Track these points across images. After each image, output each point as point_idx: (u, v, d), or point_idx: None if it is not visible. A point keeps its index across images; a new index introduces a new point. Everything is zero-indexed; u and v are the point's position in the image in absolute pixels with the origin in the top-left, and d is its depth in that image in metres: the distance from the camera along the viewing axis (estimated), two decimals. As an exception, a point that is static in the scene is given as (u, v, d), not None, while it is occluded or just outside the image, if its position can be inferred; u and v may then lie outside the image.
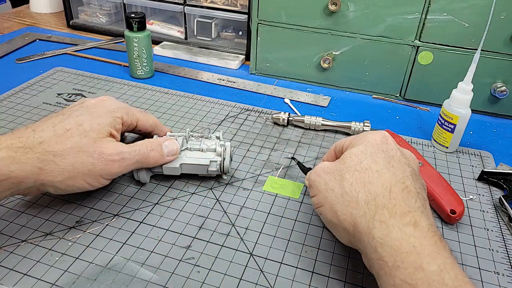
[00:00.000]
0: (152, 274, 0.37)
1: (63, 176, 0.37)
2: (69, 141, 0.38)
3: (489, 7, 0.57)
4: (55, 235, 0.40)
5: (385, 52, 0.68)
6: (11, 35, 0.87)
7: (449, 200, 0.45)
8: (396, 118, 0.66)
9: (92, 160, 0.38)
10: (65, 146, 0.37)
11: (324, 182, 0.37)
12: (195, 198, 0.46)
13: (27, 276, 0.36)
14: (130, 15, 0.67)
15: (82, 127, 0.39)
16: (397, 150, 0.37)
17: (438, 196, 0.46)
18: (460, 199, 0.45)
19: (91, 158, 0.38)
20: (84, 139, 0.38)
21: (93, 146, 0.39)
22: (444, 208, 0.44)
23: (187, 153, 0.47)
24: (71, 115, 0.40)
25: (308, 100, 0.69)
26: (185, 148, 0.47)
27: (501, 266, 0.40)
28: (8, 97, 0.63)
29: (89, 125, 0.40)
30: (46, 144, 0.37)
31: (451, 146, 0.56)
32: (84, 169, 0.38)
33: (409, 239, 0.29)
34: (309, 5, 0.67)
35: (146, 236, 0.40)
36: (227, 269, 0.38)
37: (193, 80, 0.74)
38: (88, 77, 0.71)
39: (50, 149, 0.37)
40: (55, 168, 0.37)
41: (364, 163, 0.35)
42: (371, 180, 0.34)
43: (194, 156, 0.46)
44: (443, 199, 0.45)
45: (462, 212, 0.44)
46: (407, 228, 0.30)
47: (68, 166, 0.37)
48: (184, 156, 0.46)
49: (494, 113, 0.68)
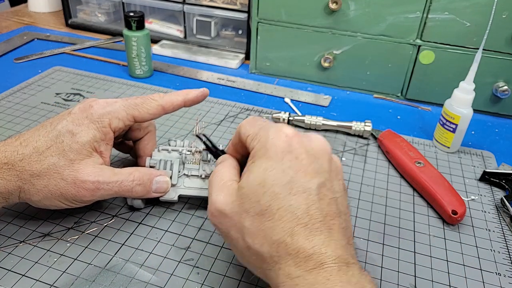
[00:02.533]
0: (151, 276, 0.36)
1: (39, 196, 0.36)
2: (47, 160, 0.36)
3: (490, 6, 0.56)
4: (54, 236, 0.40)
5: (386, 51, 0.67)
6: (9, 34, 0.87)
7: (450, 201, 0.45)
8: (397, 118, 0.66)
9: (64, 184, 0.36)
10: (42, 166, 0.36)
11: (226, 229, 0.32)
12: (195, 198, 0.45)
13: (26, 277, 0.35)
14: (129, 14, 0.67)
15: (62, 145, 0.37)
16: (303, 155, 0.31)
17: (440, 197, 0.45)
18: (461, 200, 0.45)
19: (64, 182, 0.36)
20: (61, 160, 0.36)
21: (69, 169, 0.36)
22: (445, 208, 0.44)
23: (186, 181, 0.43)
24: (55, 128, 0.38)
25: (308, 99, 0.69)
26: (183, 174, 0.43)
27: (502, 267, 0.40)
28: (6, 97, 0.62)
29: (68, 143, 0.37)
30: (26, 162, 0.36)
31: (452, 146, 0.56)
32: (57, 192, 0.36)
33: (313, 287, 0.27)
34: (310, 3, 0.67)
35: (145, 237, 0.40)
36: (226, 270, 0.37)
37: (193, 80, 0.74)
38: (86, 77, 0.71)
39: (29, 168, 0.36)
40: (32, 188, 0.36)
41: (263, 202, 0.30)
42: (271, 225, 0.29)
43: (193, 186, 0.43)
44: (444, 200, 0.45)
45: (464, 212, 0.44)
46: (311, 274, 0.28)
47: (42, 187, 0.36)
48: (183, 186, 0.43)
49: (496, 113, 0.68)
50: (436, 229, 0.44)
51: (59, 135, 0.37)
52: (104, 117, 0.39)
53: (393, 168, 0.53)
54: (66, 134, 0.37)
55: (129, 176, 0.39)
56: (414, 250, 0.41)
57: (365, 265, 0.39)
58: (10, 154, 0.36)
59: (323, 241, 0.29)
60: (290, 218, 0.29)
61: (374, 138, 0.59)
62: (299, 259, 0.28)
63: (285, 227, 0.29)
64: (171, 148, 0.45)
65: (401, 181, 0.51)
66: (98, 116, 0.39)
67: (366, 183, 0.50)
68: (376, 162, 0.54)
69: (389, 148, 0.54)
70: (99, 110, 0.39)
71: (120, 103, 0.40)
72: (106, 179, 0.37)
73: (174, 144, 0.46)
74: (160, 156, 0.44)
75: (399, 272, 0.39)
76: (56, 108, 0.61)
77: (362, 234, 0.43)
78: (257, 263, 0.31)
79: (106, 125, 0.39)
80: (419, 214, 0.46)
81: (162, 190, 0.41)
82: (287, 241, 0.29)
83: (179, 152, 0.45)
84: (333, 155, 0.34)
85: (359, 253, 0.40)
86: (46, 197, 0.36)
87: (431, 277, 0.39)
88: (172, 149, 0.45)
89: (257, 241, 0.30)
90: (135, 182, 0.39)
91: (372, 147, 0.57)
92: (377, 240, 0.42)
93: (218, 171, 0.35)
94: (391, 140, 0.55)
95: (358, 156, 0.55)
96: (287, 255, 0.29)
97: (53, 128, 0.38)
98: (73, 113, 0.39)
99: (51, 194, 0.36)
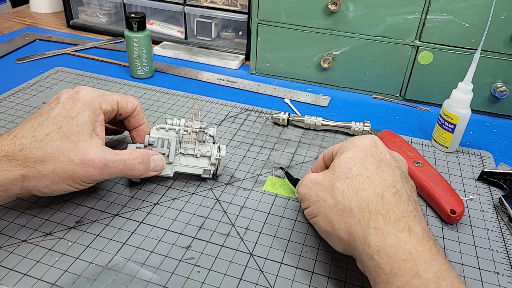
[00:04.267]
0: (152, 274, 0.37)
1: (46, 181, 0.37)
2: (49, 146, 0.37)
3: (489, 7, 0.57)
4: (55, 235, 0.40)
5: (385, 52, 0.68)
6: (11, 35, 0.87)
7: (449, 200, 0.45)
8: (396, 118, 0.66)
9: (72, 166, 0.37)
10: (46, 152, 0.36)
11: (315, 193, 0.37)
12: (195, 198, 0.46)
13: (27, 276, 0.36)
14: (130, 15, 0.67)
15: (62, 130, 0.38)
16: (387, 153, 0.37)
17: (438, 196, 0.46)
18: (460, 199, 0.45)
19: (72, 164, 0.37)
20: (65, 143, 0.37)
21: (75, 151, 0.37)
22: (444, 208, 0.44)
23: (181, 159, 0.46)
24: (48, 117, 0.38)
25: (308, 100, 0.69)
26: (179, 152, 0.46)
27: (501, 266, 0.40)
28: (8, 97, 0.63)
29: (68, 127, 0.38)
30: (27, 151, 0.36)
31: (451, 146, 0.56)
32: (65, 175, 0.37)
33: (404, 245, 0.29)
34: (309, 5, 0.67)
35: (146, 236, 0.40)
36: (227, 269, 0.38)
37: (193, 80, 0.74)
38: (88, 77, 0.71)
39: (31, 156, 0.36)
40: (37, 174, 0.36)
41: (354, 170, 0.35)
42: (362, 187, 0.34)
43: (188, 164, 0.46)
44: (443, 199, 0.45)
45: (462, 212, 0.44)
46: (402, 234, 0.30)
47: (49, 171, 0.36)
48: (178, 163, 0.45)
49: (494, 113, 0.68)
50: (435, 229, 0.44)
51: (55, 121, 0.38)
52: (94, 99, 0.41)
53: (392, 168, 0.53)
54: (63, 119, 0.38)
55: (130, 155, 0.41)
56: (412, 249, 0.41)
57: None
58: (7, 147, 0.36)
59: (411, 211, 0.32)
60: (380, 184, 0.34)
61: (374, 138, 0.59)
62: (389, 217, 0.31)
63: (376, 190, 0.33)
64: (168, 127, 0.46)
65: (400, 181, 0.51)
66: (89, 98, 0.41)
67: (365, 183, 0.50)
68: (375, 162, 0.54)
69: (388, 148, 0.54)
70: (89, 94, 0.42)
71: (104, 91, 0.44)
72: (112, 157, 0.39)
73: (171, 122, 0.47)
74: (158, 135, 0.46)
75: (397, 271, 0.39)
76: (58, 108, 0.61)
77: (361, 233, 0.43)
78: (343, 218, 0.34)
79: (98, 107, 0.41)
80: (417, 213, 0.46)
81: (159, 168, 0.44)
82: (377, 200, 0.33)
83: (176, 131, 0.46)
84: None
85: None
86: (54, 182, 0.37)
87: (430, 275, 0.39)
88: (169, 127, 0.46)
89: (347, 196, 0.34)
90: (136, 160, 0.41)
91: (371, 147, 0.58)
92: (376, 239, 0.42)
93: None
94: (390, 140, 0.55)
95: (357, 156, 0.55)
96: (377, 212, 0.32)
97: (47, 117, 0.39)
98: (62, 101, 0.40)
99: (59, 178, 0.37)
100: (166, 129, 0.46)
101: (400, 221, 0.31)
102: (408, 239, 0.30)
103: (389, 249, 0.30)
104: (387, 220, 0.31)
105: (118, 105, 0.44)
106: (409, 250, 0.29)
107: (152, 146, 0.45)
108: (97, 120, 0.41)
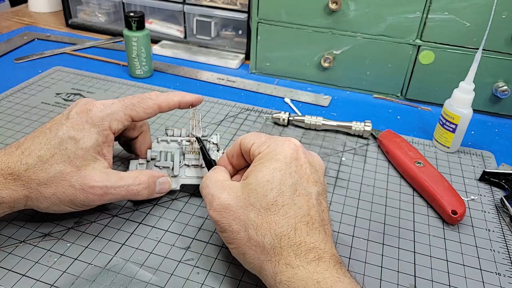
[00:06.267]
0: (151, 275, 0.36)
1: (47, 203, 0.37)
2: (53, 168, 0.36)
3: (490, 6, 0.56)
4: (54, 236, 0.40)
5: (386, 51, 0.67)
6: (10, 34, 0.87)
7: (450, 201, 0.45)
8: (397, 118, 0.66)
9: (73, 191, 0.37)
10: (49, 175, 0.36)
11: (228, 222, 0.34)
12: (195, 199, 0.45)
13: (26, 277, 0.35)
14: (129, 14, 0.67)
15: (67, 152, 0.37)
16: (307, 166, 0.35)
17: (439, 197, 0.45)
18: (461, 200, 0.45)
19: (72, 189, 0.37)
20: (68, 167, 0.37)
21: (77, 176, 0.37)
22: (445, 208, 0.44)
23: (186, 170, 0.45)
24: (56, 135, 0.37)
25: (308, 99, 0.69)
26: (184, 164, 0.45)
27: (502, 267, 0.40)
28: (6, 97, 0.62)
29: (73, 150, 0.37)
30: (31, 172, 0.36)
31: (452, 146, 0.56)
32: (66, 198, 0.37)
33: (312, 276, 0.29)
34: (310, 4, 0.67)
35: (145, 237, 0.40)
36: (226, 270, 0.37)
37: (193, 80, 0.74)
38: (87, 77, 0.71)
39: (35, 177, 0.36)
40: (39, 196, 0.36)
41: (270, 197, 0.33)
42: (277, 220, 0.32)
43: (193, 175, 0.45)
44: (444, 200, 0.45)
45: (464, 212, 0.44)
46: (310, 265, 0.30)
47: (50, 194, 0.36)
48: (184, 175, 0.44)
49: (495, 113, 0.68)
50: (436, 229, 0.44)
51: (61, 142, 0.37)
52: (104, 120, 0.39)
53: (393, 168, 0.53)
54: (69, 140, 0.37)
55: (135, 180, 0.40)
56: (414, 250, 0.41)
57: (365, 265, 0.39)
58: (14, 165, 0.36)
59: (322, 239, 0.32)
60: (294, 215, 0.32)
61: (374, 138, 0.59)
62: (300, 251, 0.31)
63: (290, 222, 0.32)
64: (169, 139, 0.46)
65: (401, 181, 0.51)
66: (98, 119, 0.39)
67: (366, 183, 0.50)
68: (376, 162, 0.54)
69: (389, 148, 0.54)
70: (98, 113, 0.39)
71: (118, 104, 0.40)
72: (114, 184, 0.38)
73: (171, 134, 0.46)
74: (160, 148, 0.45)
75: (399, 272, 0.39)
76: (57, 108, 0.61)
77: (362, 234, 0.43)
78: (256, 254, 0.33)
79: (107, 128, 0.39)
80: (419, 214, 0.46)
81: (164, 190, 0.43)
82: (290, 234, 0.32)
83: (178, 143, 0.46)
84: None
85: (359, 252, 0.41)
86: (55, 204, 0.37)
87: (431, 277, 0.39)
88: (171, 139, 0.46)
89: (261, 232, 0.32)
90: (141, 185, 0.40)
91: (372, 147, 0.57)
92: (377, 240, 0.42)
93: (211, 175, 0.38)
94: (391, 140, 0.55)
95: (358, 156, 0.55)
96: (289, 247, 0.31)
97: (54, 135, 0.38)
98: (72, 117, 0.39)
99: (60, 201, 0.37)
100: (167, 141, 0.46)
101: (310, 252, 0.31)
102: (316, 269, 0.30)
103: (299, 282, 0.30)
104: (298, 254, 0.31)
105: (132, 119, 0.41)
106: (317, 279, 0.29)
107: (155, 161, 0.44)
108: (105, 141, 0.39)
